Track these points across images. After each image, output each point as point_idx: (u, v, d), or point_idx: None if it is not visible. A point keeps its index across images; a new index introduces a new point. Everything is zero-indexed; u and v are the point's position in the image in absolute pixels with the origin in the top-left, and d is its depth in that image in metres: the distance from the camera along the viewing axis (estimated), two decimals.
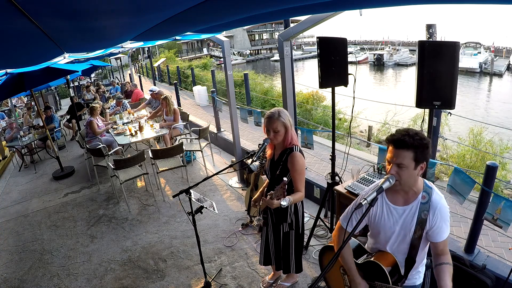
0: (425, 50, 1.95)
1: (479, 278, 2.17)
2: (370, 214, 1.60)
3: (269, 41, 50.13)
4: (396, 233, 1.55)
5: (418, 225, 1.47)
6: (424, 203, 1.46)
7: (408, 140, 1.35)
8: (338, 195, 2.85)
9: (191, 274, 3.04)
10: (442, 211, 1.45)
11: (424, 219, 1.46)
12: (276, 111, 2.10)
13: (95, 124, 5.71)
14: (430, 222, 1.46)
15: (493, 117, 15.92)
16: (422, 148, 1.36)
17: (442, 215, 1.45)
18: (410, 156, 1.36)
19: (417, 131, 1.40)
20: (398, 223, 1.53)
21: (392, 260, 1.58)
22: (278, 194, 1.91)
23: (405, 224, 1.51)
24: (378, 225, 1.59)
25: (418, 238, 1.50)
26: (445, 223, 1.46)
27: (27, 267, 3.45)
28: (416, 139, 1.35)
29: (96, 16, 1.29)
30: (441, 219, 1.45)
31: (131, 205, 4.46)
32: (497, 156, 5.53)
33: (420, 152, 1.36)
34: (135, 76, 15.42)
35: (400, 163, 1.38)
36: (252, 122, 5.58)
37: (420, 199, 1.47)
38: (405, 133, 1.37)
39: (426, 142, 1.37)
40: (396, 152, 1.39)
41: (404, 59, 35.61)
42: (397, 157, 1.38)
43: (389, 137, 1.43)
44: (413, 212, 1.48)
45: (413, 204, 1.49)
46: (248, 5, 1.50)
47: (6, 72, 4.24)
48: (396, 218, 1.53)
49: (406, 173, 1.39)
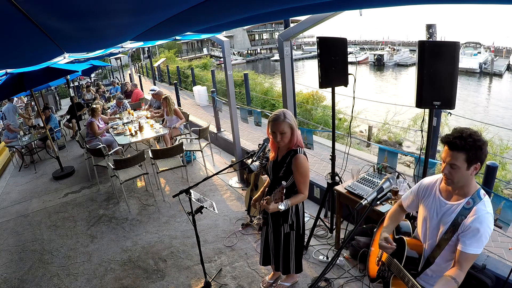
0: (425, 50, 1.95)
1: (479, 278, 2.17)
2: (420, 196, 1.67)
3: (269, 41, 50.12)
4: (432, 225, 1.57)
5: (451, 226, 1.48)
6: (466, 208, 1.45)
7: (460, 143, 1.36)
8: (338, 195, 2.85)
9: (191, 274, 3.04)
10: (481, 222, 1.39)
11: (459, 223, 1.45)
12: (281, 112, 2.08)
13: (95, 126, 5.71)
14: (462, 226, 1.44)
15: (493, 117, 15.91)
16: (475, 150, 1.36)
17: (478, 226, 1.39)
18: (462, 158, 1.37)
19: (471, 132, 1.38)
20: (438, 215, 1.55)
21: (420, 250, 1.62)
22: (276, 197, 1.91)
23: (443, 219, 1.53)
24: (422, 207, 1.64)
25: (446, 239, 1.49)
26: (478, 237, 1.39)
27: (27, 267, 3.45)
28: (469, 141, 1.35)
29: (96, 16, 1.29)
30: (475, 228, 1.39)
31: (131, 205, 4.46)
32: (497, 156, 5.54)
33: (473, 154, 1.37)
34: (135, 76, 15.41)
35: (453, 163, 1.40)
36: (252, 122, 5.58)
37: (464, 203, 1.46)
38: (458, 135, 1.38)
39: (480, 143, 1.36)
40: (449, 153, 1.41)
41: (404, 59, 35.59)
42: (450, 157, 1.40)
43: (444, 137, 1.44)
44: (452, 211, 1.49)
45: (457, 204, 1.49)
46: (248, 5, 1.50)
47: (6, 72, 4.23)
48: (437, 208, 1.56)
49: (458, 173, 1.41)
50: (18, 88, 4.81)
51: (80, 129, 7.42)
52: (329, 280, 2.70)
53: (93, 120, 5.73)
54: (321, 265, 2.94)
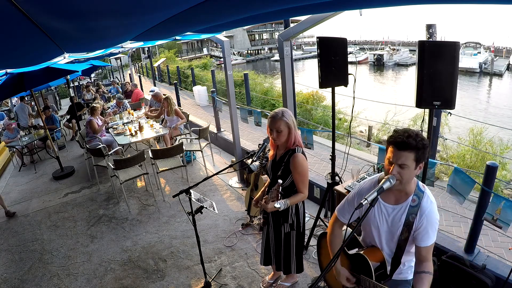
0: (425, 50, 1.95)
1: (479, 278, 2.17)
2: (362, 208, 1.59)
3: (269, 41, 50.12)
4: (385, 231, 1.57)
5: (405, 227, 1.49)
6: (413, 206, 1.47)
7: (411, 142, 1.37)
8: (338, 195, 2.85)
9: (191, 274, 3.04)
10: (430, 216, 1.45)
11: (412, 222, 1.47)
12: (280, 111, 2.11)
13: (95, 123, 5.72)
14: (416, 224, 1.47)
15: (493, 117, 15.91)
16: (424, 149, 1.39)
17: (429, 220, 1.45)
18: (412, 157, 1.38)
19: (416, 132, 1.41)
20: (387, 221, 1.55)
21: (380, 257, 1.60)
22: (272, 196, 1.92)
23: (394, 223, 1.53)
24: (368, 219, 1.61)
25: (404, 239, 1.51)
26: (431, 229, 1.46)
27: (27, 267, 3.45)
28: (418, 140, 1.38)
29: (96, 16, 1.29)
30: (427, 224, 1.45)
31: (131, 205, 4.46)
32: (497, 156, 5.54)
33: (421, 153, 1.39)
34: (135, 76, 15.42)
35: (403, 163, 1.40)
36: (252, 122, 5.58)
37: (410, 201, 1.48)
38: (408, 135, 1.39)
39: (426, 142, 1.41)
40: (398, 153, 1.40)
41: (404, 59, 35.61)
42: (400, 158, 1.40)
43: (390, 138, 1.43)
44: (401, 213, 1.50)
45: (403, 205, 1.50)
46: (248, 5, 1.50)
47: (6, 72, 4.23)
48: (385, 215, 1.55)
49: (407, 173, 1.41)
50: (18, 88, 4.81)
51: (80, 129, 7.42)
52: None
53: (92, 118, 5.76)
54: None
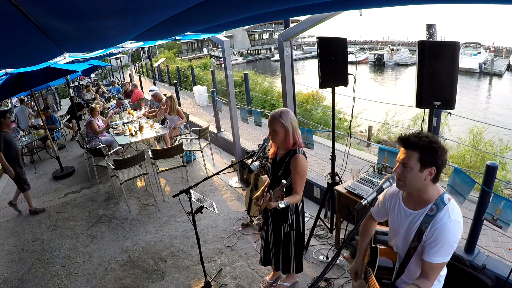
0: (425, 50, 1.95)
1: (479, 278, 2.17)
2: (387, 205, 1.62)
3: (269, 41, 50.12)
4: (400, 234, 1.53)
5: (416, 235, 1.42)
6: (430, 215, 1.38)
7: (413, 140, 1.33)
8: (338, 195, 2.85)
9: (191, 274, 3.04)
10: (443, 231, 1.33)
11: (423, 231, 1.39)
12: (279, 111, 2.10)
13: (95, 124, 5.72)
14: (426, 235, 1.38)
15: (493, 117, 15.91)
16: (430, 151, 1.31)
17: (441, 235, 1.33)
18: (415, 157, 1.33)
19: (428, 134, 1.37)
20: (404, 225, 1.50)
21: (393, 258, 1.58)
22: (276, 196, 1.92)
23: (409, 229, 1.47)
24: (392, 221, 1.60)
25: (413, 248, 1.44)
26: (442, 246, 1.33)
27: (27, 267, 3.45)
28: (423, 140, 1.32)
29: (96, 16, 1.29)
30: (438, 237, 1.33)
31: (131, 205, 4.46)
32: (497, 156, 5.54)
33: (427, 155, 1.32)
34: (135, 76, 15.41)
35: (405, 162, 1.36)
36: (252, 122, 5.58)
37: (427, 210, 1.40)
38: (415, 134, 1.36)
39: (436, 146, 1.32)
40: (403, 151, 1.38)
41: (404, 59, 35.61)
42: (402, 155, 1.37)
43: (400, 136, 1.42)
44: (416, 219, 1.43)
45: (420, 211, 1.43)
46: (248, 5, 1.50)
47: (6, 72, 4.23)
48: (403, 218, 1.51)
49: (410, 175, 1.36)
50: (18, 88, 4.81)
51: (80, 129, 7.42)
52: (329, 280, 2.70)
53: (92, 119, 5.75)
54: (321, 265, 2.94)
